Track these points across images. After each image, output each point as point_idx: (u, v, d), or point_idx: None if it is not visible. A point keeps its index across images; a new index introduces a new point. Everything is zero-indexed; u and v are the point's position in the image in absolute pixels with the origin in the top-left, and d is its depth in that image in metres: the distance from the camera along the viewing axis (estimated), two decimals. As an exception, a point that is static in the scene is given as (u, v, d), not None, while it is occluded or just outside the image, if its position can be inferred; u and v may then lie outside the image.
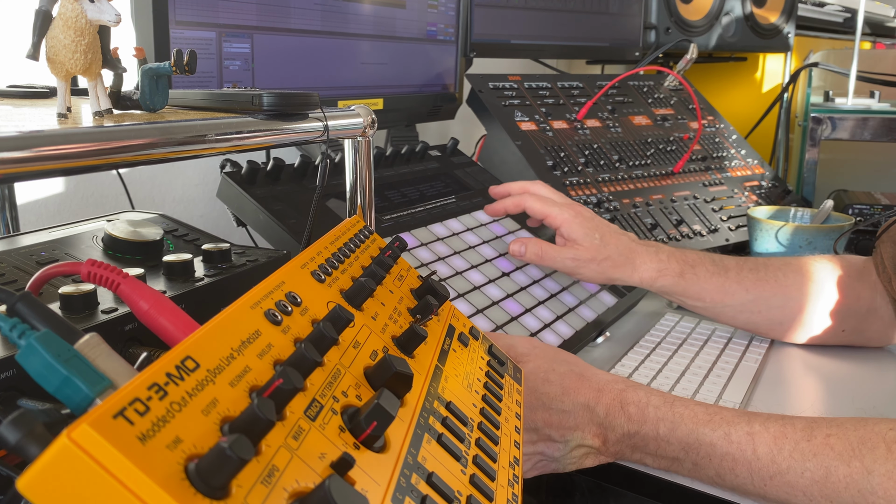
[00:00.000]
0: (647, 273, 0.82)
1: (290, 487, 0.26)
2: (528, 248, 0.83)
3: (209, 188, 1.10)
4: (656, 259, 0.82)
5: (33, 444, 0.23)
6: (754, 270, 0.83)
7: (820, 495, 0.50)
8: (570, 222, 0.82)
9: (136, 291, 0.38)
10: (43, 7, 0.44)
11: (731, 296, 0.82)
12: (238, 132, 0.50)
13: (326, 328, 0.34)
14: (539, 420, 0.58)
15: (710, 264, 0.83)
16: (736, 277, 0.82)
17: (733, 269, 0.83)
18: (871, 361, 0.84)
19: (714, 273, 0.82)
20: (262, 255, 0.63)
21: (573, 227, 0.82)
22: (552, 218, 0.84)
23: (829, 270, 0.83)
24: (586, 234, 0.82)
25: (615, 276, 0.82)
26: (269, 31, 0.88)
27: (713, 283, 0.82)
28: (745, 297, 0.82)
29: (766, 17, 1.78)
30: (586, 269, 0.82)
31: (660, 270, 0.82)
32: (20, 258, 0.56)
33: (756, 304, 0.82)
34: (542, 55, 1.47)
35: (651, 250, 0.83)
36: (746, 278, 0.82)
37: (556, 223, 0.83)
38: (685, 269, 0.82)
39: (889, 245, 0.79)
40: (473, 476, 0.38)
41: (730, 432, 0.54)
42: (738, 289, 0.82)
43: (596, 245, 0.81)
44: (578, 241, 0.82)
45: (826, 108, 1.44)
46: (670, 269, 0.82)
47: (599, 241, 0.82)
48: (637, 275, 0.82)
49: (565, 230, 0.83)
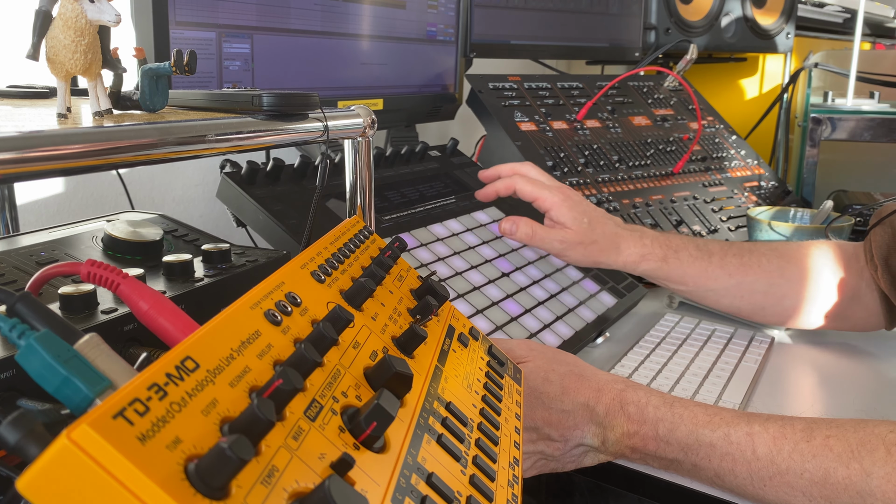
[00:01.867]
0: (631, 257, 0.84)
1: (289, 488, 0.26)
2: (520, 227, 0.84)
3: (209, 188, 1.10)
4: (640, 244, 0.84)
5: (33, 445, 0.23)
6: (738, 255, 0.84)
7: (819, 496, 0.50)
8: (559, 205, 0.83)
9: (136, 292, 0.37)
10: (43, 7, 0.44)
11: (713, 280, 0.84)
12: (238, 132, 0.50)
13: (326, 328, 0.34)
14: (539, 419, 0.58)
15: (694, 249, 0.85)
16: (719, 262, 0.84)
17: (717, 254, 0.84)
18: (872, 363, 0.84)
19: (697, 258, 0.84)
20: (261, 255, 0.63)
21: (562, 211, 0.83)
22: (542, 200, 0.84)
23: (816, 256, 0.84)
24: (575, 217, 0.83)
25: (601, 259, 0.84)
26: (269, 31, 0.88)
27: (696, 267, 0.84)
28: (728, 281, 0.84)
29: (766, 17, 1.78)
30: (573, 251, 0.83)
31: (643, 255, 0.84)
32: (20, 258, 0.56)
33: (739, 289, 0.84)
34: (541, 56, 1.47)
35: (636, 235, 0.84)
36: (730, 263, 0.84)
37: (546, 206, 0.84)
38: (668, 253, 0.84)
39: (880, 234, 0.80)
40: (473, 476, 0.38)
41: (729, 433, 0.54)
42: (721, 273, 0.84)
43: (584, 229, 0.83)
44: (567, 225, 0.83)
45: (826, 109, 1.45)
46: (654, 254, 0.84)
47: (587, 225, 0.83)
48: (621, 258, 0.84)
49: (555, 213, 0.84)
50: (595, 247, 0.83)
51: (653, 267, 0.84)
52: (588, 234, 0.83)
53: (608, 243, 0.83)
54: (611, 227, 0.84)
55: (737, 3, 1.71)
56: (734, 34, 1.71)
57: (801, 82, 1.70)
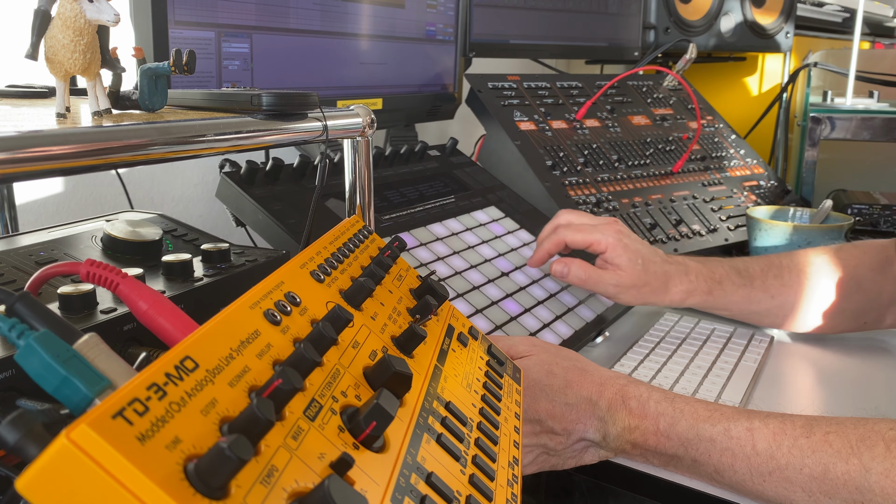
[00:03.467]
0: (679, 295, 0.84)
1: (289, 487, 0.26)
2: (572, 270, 0.83)
3: (208, 188, 1.09)
4: (686, 281, 0.84)
5: (32, 445, 0.23)
6: (779, 277, 0.86)
7: (818, 492, 0.50)
8: (615, 247, 0.82)
9: (135, 291, 0.37)
10: (42, 7, 0.44)
11: (756, 304, 0.85)
12: (237, 132, 0.50)
13: (326, 328, 0.34)
14: (542, 411, 0.58)
15: (736, 276, 0.85)
16: (761, 286, 0.85)
17: (758, 278, 0.85)
18: (873, 361, 0.84)
19: (740, 286, 0.85)
20: (261, 255, 0.63)
21: (618, 252, 0.82)
22: (597, 245, 0.83)
23: (853, 266, 0.85)
24: (630, 259, 0.82)
25: (651, 300, 0.84)
26: (268, 30, 0.88)
27: (739, 295, 0.85)
28: (771, 303, 0.85)
29: (765, 17, 1.78)
30: (626, 294, 0.83)
31: (689, 292, 0.84)
32: (19, 258, 0.56)
33: (782, 309, 0.86)
34: (541, 55, 1.47)
35: (681, 270, 0.84)
36: (772, 286, 0.85)
37: (601, 248, 0.83)
38: (713, 286, 0.84)
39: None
40: (473, 476, 0.38)
41: (729, 428, 0.54)
42: (763, 297, 0.85)
43: (638, 272, 0.82)
44: (622, 267, 0.82)
45: (825, 108, 1.44)
46: (699, 289, 0.84)
47: (641, 268, 0.82)
48: (668, 297, 0.84)
49: (611, 256, 0.82)
50: (647, 288, 0.82)
51: (699, 301, 0.85)
52: (641, 276, 0.82)
53: (658, 284, 0.83)
54: (660, 266, 0.83)
55: (736, 2, 1.71)
56: (733, 33, 1.71)
57: (801, 82, 1.69)
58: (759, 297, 0.85)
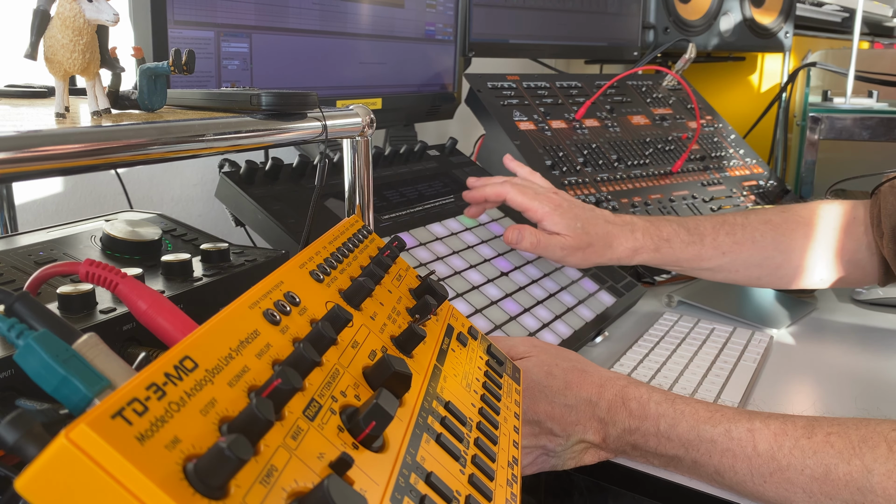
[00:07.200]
0: (624, 252, 0.85)
1: (288, 487, 0.26)
2: (525, 236, 0.83)
3: (208, 188, 1.09)
4: (631, 238, 0.85)
5: (31, 445, 0.23)
6: (731, 233, 0.86)
7: (819, 493, 0.50)
8: (550, 214, 0.83)
9: (135, 291, 0.37)
10: (41, 6, 0.44)
11: (707, 261, 0.87)
12: (236, 132, 0.50)
13: (325, 328, 0.34)
14: (542, 413, 0.58)
15: (686, 234, 0.86)
16: (712, 244, 0.86)
17: (709, 235, 0.86)
18: (874, 361, 0.84)
19: (689, 243, 0.86)
20: (260, 254, 0.63)
21: (555, 219, 0.83)
22: (532, 211, 0.85)
23: (812, 225, 0.86)
24: (568, 223, 0.83)
25: (597, 260, 0.86)
26: (268, 30, 0.87)
27: (689, 252, 0.86)
28: (723, 259, 0.86)
29: (765, 16, 1.78)
30: (573, 257, 0.84)
31: (635, 249, 0.85)
32: (18, 258, 0.56)
33: (734, 265, 0.87)
34: (540, 55, 1.47)
35: (626, 230, 0.86)
36: (723, 243, 0.86)
37: (537, 216, 0.84)
38: (660, 244, 0.86)
39: (892, 201, 0.79)
40: (472, 476, 0.38)
41: (730, 429, 0.54)
42: (714, 254, 0.86)
43: (579, 234, 0.83)
44: (562, 232, 0.83)
45: (824, 108, 1.45)
46: (646, 247, 0.85)
47: (581, 229, 0.83)
48: (615, 255, 0.85)
49: (547, 223, 0.84)
50: (591, 249, 0.84)
51: (646, 258, 0.86)
52: (583, 237, 0.83)
53: (602, 243, 0.84)
54: (602, 226, 0.85)
55: (735, 2, 1.71)
56: (733, 33, 1.71)
57: (800, 81, 1.70)
58: (710, 255, 0.86)
